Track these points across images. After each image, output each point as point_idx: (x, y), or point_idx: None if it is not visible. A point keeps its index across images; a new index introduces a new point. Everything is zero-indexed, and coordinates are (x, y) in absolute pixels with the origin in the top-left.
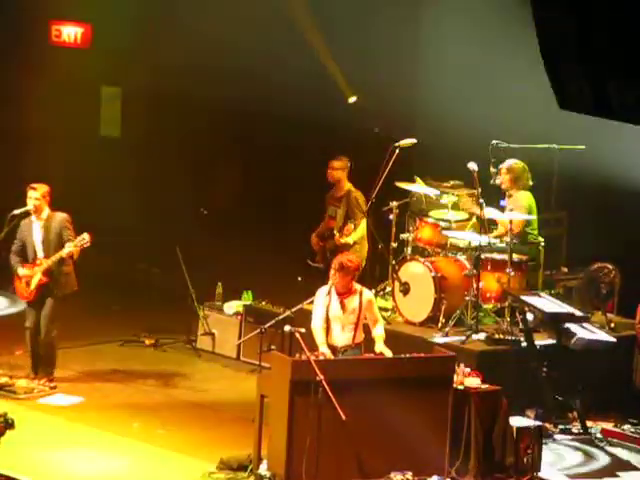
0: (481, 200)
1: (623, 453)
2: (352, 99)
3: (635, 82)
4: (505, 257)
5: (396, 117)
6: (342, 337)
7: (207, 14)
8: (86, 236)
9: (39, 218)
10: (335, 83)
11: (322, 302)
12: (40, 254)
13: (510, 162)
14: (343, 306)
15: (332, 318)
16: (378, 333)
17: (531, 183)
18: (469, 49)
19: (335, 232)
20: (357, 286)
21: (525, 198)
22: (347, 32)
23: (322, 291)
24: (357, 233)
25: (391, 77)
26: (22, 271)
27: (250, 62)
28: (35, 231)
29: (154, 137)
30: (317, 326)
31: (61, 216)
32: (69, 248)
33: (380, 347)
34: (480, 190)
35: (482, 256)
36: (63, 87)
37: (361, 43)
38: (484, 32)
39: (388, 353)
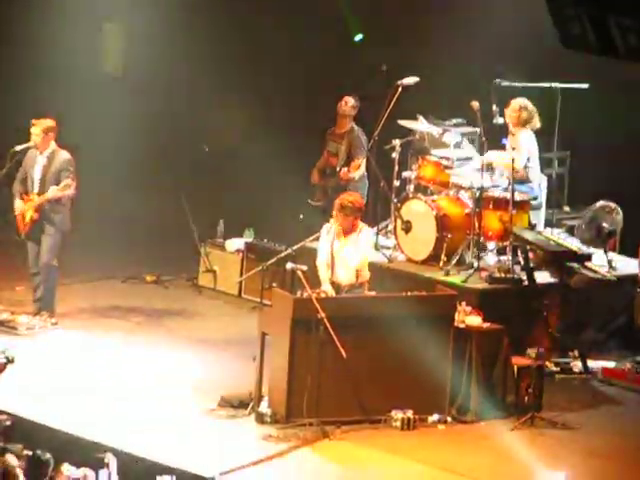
0: (483, 138)
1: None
2: (358, 37)
3: (637, 21)
4: (507, 195)
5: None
6: (346, 275)
7: None
8: (70, 182)
9: (43, 153)
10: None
11: (327, 239)
12: (35, 189)
13: (525, 101)
14: (346, 243)
15: (336, 256)
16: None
17: (538, 126)
18: None
19: (338, 169)
20: (361, 224)
21: (526, 137)
22: None
23: (327, 228)
24: (359, 171)
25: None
26: (17, 204)
27: None
28: (37, 165)
29: (157, 76)
30: (321, 263)
31: (64, 156)
32: (52, 192)
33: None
34: (482, 128)
35: (484, 194)
36: (65, 22)
37: None
38: None
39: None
